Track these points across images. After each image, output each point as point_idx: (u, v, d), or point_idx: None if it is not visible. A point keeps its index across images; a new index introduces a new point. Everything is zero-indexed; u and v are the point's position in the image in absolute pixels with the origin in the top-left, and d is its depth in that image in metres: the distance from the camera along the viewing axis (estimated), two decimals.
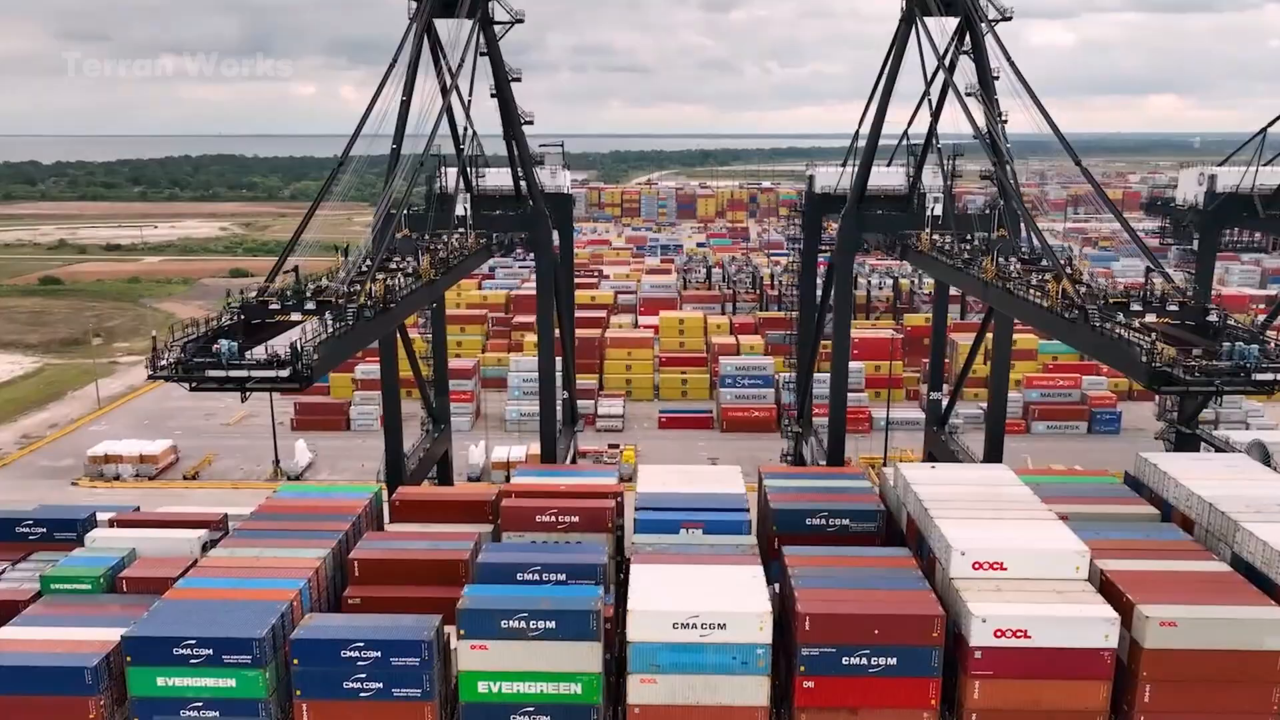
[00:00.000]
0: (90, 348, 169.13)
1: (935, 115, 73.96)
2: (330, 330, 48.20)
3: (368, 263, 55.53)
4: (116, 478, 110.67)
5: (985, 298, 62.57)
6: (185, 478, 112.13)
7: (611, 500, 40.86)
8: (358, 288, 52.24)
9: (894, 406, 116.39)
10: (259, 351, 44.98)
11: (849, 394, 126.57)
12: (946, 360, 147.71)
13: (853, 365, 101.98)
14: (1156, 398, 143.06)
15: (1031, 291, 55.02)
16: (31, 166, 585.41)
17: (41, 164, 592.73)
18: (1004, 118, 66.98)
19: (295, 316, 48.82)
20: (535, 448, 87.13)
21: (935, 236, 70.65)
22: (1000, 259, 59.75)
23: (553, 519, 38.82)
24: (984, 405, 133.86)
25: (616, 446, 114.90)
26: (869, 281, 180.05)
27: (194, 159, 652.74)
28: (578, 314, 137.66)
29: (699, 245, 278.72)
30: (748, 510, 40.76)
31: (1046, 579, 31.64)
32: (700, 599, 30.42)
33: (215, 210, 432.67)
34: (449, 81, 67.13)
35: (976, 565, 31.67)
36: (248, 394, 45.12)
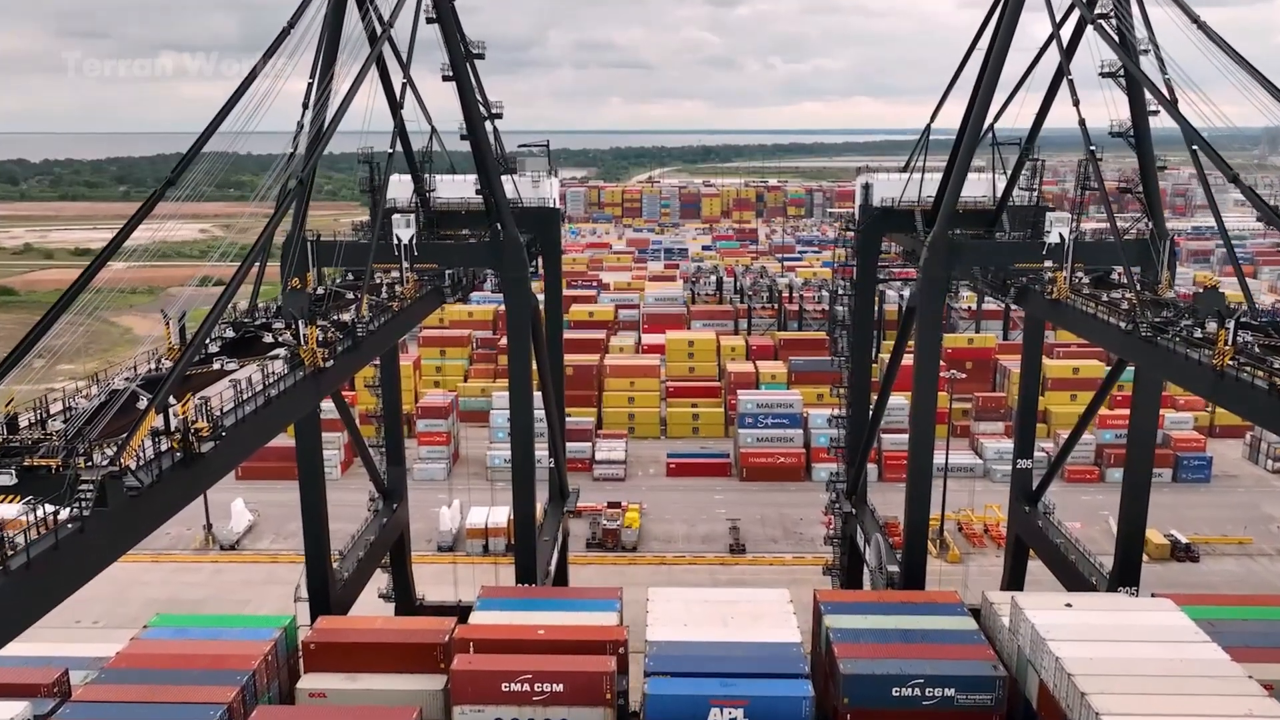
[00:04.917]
0: (28, 370, 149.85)
1: (1050, 94, 53.60)
2: (29, 540, 23.60)
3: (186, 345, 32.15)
4: None
5: (1213, 396, 38.10)
6: None
7: (610, 658, 32.32)
8: (149, 403, 27.53)
9: (940, 448, 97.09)
10: None
11: (887, 435, 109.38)
12: (1003, 395, 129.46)
13: (894, 401, 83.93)
14: (1248, 434, 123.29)
15: None
16: (17, 165, 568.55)
17: (30, 162, 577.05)
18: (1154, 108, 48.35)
19: None
20: None
21: (1070, 276, 49.33)
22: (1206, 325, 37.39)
23: (526, 687, 30.41)
24: (1045, 445, 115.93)
25: (618, 505, 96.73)
26: (900, 295, 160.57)
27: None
28: (573, 335, 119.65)
29: (705, 249, 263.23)
30: (808, 677, 31.30)
31: None
32: None
33: (198, 210, 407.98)
34: (378, 30, 47.94)
35: None
36: None
